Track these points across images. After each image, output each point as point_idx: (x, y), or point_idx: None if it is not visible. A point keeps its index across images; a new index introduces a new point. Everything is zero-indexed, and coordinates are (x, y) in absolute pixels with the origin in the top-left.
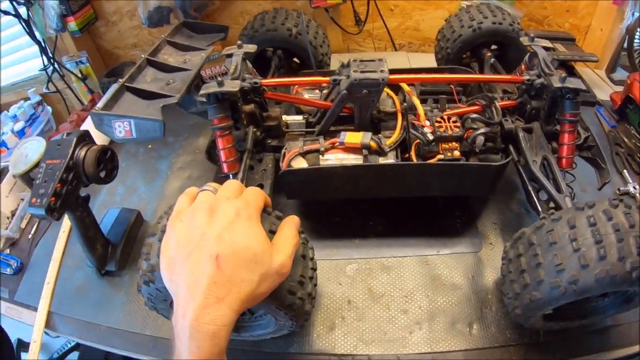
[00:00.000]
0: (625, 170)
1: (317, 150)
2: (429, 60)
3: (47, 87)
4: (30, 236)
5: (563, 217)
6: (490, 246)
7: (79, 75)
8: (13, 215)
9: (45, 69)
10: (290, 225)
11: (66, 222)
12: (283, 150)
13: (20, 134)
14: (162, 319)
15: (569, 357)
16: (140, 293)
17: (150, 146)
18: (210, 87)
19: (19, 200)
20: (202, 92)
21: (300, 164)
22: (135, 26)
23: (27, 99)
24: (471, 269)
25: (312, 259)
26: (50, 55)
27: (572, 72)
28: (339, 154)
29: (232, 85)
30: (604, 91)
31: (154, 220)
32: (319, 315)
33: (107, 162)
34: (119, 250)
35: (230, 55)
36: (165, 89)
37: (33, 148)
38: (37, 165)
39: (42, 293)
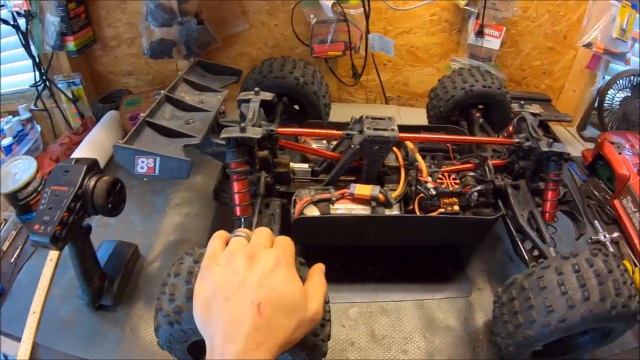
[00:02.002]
0: (596, 221)
1: (328, 200)
2: (417, 114)
3: (35, 105)
4: (12, 260)
5: (551, 265)
6: (479, 291)
7: (70, 97)
8: None
9: (36, 85)
10: (319, 273)
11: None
12: (294, 197)
13: (7, 150)
14: (163, 356)
15: None
16: (156, 333)
17: (145, 179)
18: (233, 132)
19: (1, 220)
20: (223, 135)
21: (312, 211)
22: (133, 54)
23: (12, 113)
24: (463, 312)
25: (327, 302)
26: (44, 71)
27: (547, 131)
28: (348, 204)
29: (254, 132)
30: (575, 147)
31: (151, 255)
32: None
33: (116, 195)
34: (116, 285)
35: (246, 101)
36: (185, 128)
37: (22, 167)
38: (26, 186)
39: (27, 323)
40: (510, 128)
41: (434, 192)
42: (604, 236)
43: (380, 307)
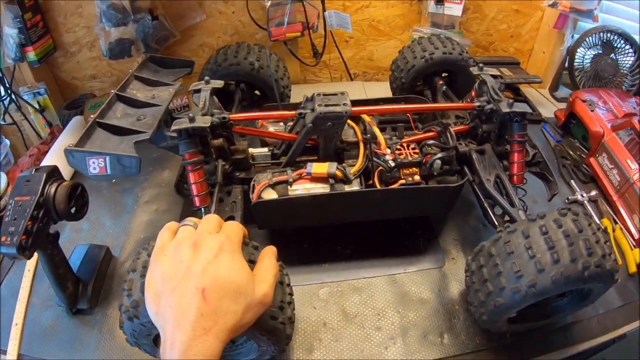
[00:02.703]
0: (572, 181)
1: (285, 181)
2: (383, 88)
3: (4, 119)
4: None
5: (518, 229)
6: (452, 261)
7: (37, 107)
8: None
9: (1, 99)
10: (270, 256)
11: (31, 259)
12: (252, 182)
13: None
14: (139, 355)
15: (536, 356)
16: (122, 330)
17: (114, 180)
18: (182, 123)
19: None
20: (174, 127)
21: (270, 195)
22: (94, 57)
23: None
24: (437, 284)
25: (288, 284)
26: (8, 85)
27: (518, 93)
28: (306, 184)
29: (203, 121)
30: (548, 109)
31: (123, 255)
32: (297, 339)
33: (77, 198)
34: (90, 288)
35: (198, 91)
36: (136, 125)
37: None
38: None
39: (10, 335)
40: (473, 93)
41: (392, 164)
42: (582, 195)
43: (351, 285)
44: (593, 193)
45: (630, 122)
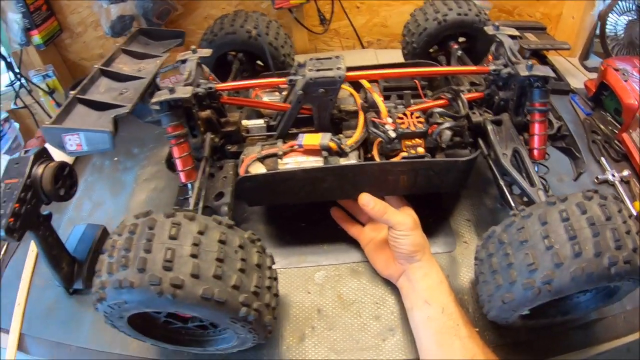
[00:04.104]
0: (602, 158)
1: (275, 155)
2: (396, 56)
3: (15, 103)
4: (1, 256)
5: (534, 214)
6: (464, 245)
7: (46, 90)
8: None
9: (12, 84)
10: None
11: None
12: (241, 156)
13: None
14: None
15: (553, 355)
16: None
17: (116, 159)
18: (162, 95)
19: None
20: (153, 100)
21: (258, 169)
22: (100, 36)
23: None
24: (445, 270)
25: (269, 267)
26: (17, 70)
27: (544, 62)
28: (298, 157)
29: (183, 92)
30: (578, 79)
31: None
32: (288, 326)
33: (65, 179)
34: (86, 268)
35: (185, 61)
36: (118, 99)
37: None
38: None
39: (13, 315)
40: (490, 57)
41: (393, 135)
42: (613, 175)
43: (350, 269)
44: (625, 173)
45: None
